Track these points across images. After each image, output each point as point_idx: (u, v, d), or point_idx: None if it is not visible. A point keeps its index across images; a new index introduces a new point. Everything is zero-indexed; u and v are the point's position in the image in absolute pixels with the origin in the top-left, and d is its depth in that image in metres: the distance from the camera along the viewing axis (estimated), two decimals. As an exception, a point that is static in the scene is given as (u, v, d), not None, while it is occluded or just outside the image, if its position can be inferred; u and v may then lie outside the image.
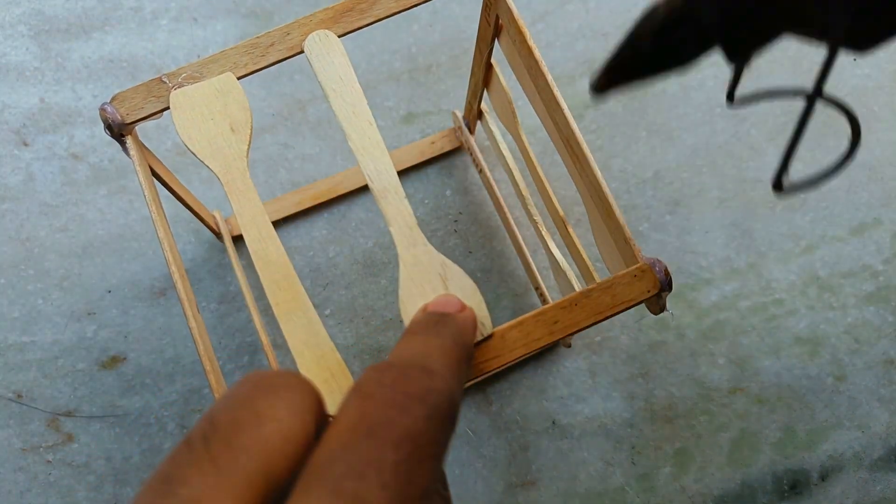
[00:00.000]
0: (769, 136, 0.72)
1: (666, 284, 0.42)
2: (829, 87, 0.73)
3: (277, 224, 0.69)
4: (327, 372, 0.40)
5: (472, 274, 0.68)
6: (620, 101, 0.73)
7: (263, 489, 0.26)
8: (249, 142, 0.44)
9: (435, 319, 0.37)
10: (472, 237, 0.70)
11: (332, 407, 0.40)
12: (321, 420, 0.29)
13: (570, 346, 0.67)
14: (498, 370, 0.57)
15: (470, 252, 0.69)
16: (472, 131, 0.69)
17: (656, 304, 0.43)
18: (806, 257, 0.70)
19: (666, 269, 0.42)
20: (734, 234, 0.70)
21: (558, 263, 0.58)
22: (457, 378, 0.32)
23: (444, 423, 0.29)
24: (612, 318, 0.42)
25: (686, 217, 0.70)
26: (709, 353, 0.67)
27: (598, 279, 0.44)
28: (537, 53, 0.46)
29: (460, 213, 0.70)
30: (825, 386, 0.67)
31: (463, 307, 0.39)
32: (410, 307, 0.41)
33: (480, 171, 0.68)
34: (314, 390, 0.29)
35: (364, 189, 0.70)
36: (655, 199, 0.70)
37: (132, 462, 0.64)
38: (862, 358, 0.68)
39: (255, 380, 0.29)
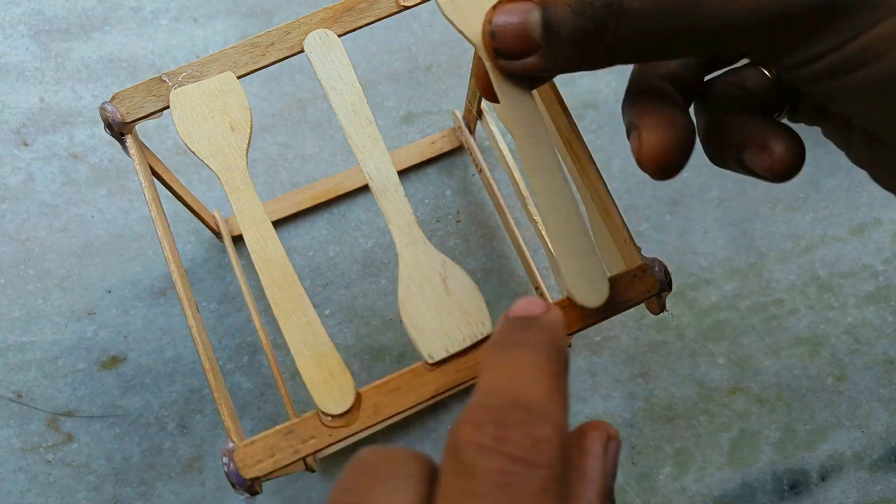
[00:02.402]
0: (769, 136, 0.72)
1: (665, 284, 0.42)
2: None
3: (277, 224, 0.69)
4: (327, 372, 0.40)
5: (472, 274, 0.68)
6: (621, 101, 0.73)
7: None
8: (249, 141, 0.44)
9: (520, 325, 0.32)
10: (472, 237, 0.70)
11: (335, 407, 0.40)
12: None
13: (570, 346, 0.67)
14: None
15: (470, 252, 0.69)
16: (472, 131, 0.69)
17: (656, 304, 0.43)
18: (806, 257, 0.70)
19: (666, 269, 0.42)
20: (734, 234, 0.70)
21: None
22: (562, 403, 0.29)
23: (556, 481, 0.26)
24: (612, 317, 0.42)
25: (686, 217, 0.70)
26: (709, 353, 0.67)
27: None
28: (537, 53, 0.46)
29: (460, 213, 0.70)
30: (825, 386, 0.67)
31: (548, 308, 0.33)
32: (409, 306, 0.41)
33: (480, 172, 0.68)
34: (426, 468, 0.28)
35: (364, 189, 0.70)
36: (655, 199, 0.70)
37: (132, 462, 0.64)
38: (862, 358, 0.68)
39: (372, 469, 0.28)
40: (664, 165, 0.37)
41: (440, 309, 0.41)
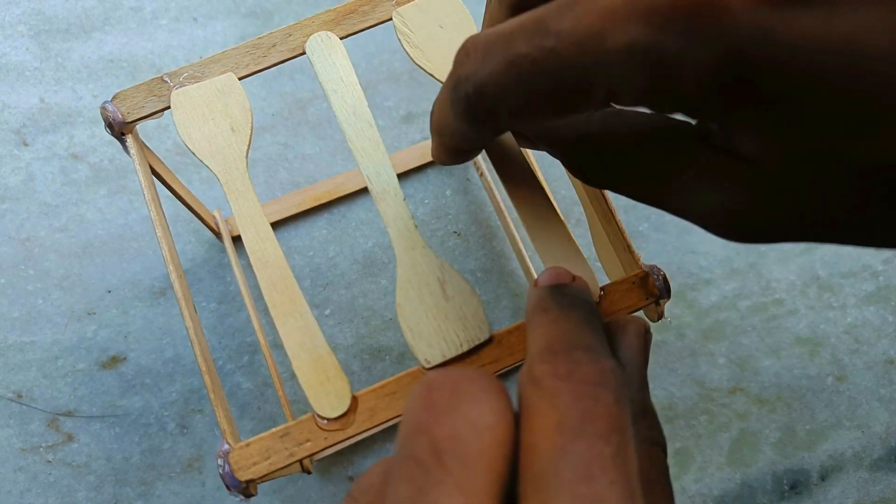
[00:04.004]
0: (769, 136, 0.72)
1: (664, 292, 0.42)
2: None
3: (278, 224, 0.69)
4: (323, 374, 0.40)
5: (472, 274, 0.68)
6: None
7: (499, 500, 0.27)
8: (249, 142, 0.45)
9: (558, 291, 0.35)
10: (472, 237, 0.70)
11: (331, 410, 0.40)
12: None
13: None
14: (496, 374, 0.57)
15: (470, 252, 0.69)
16: (472, 132, 0.69)
17: (654, 311, 0.43)
18: (806, 257, 0.70)
19: (664, 277, 0.42)
20: (734, 235, 0.70)
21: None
22: (607, 347, 0.32)
23: (624, 400, 0.29)
24: (613, 320, 0.42)
25: (686, 217, 0.70)
26: (709, 353, 0.67)
27: (596, 282, 0.44)
28: (537, 54, 0.46)
29: (460, 212, 0.70)
30: (825, 386, 0.67)
31: (574, 277, 0.37)
32: (408, 310, 0.41)
33: (482, 175, 0.68)
34: (503, 387, 0.29)
35: (365, 190, 0.70)
36: (656, 199, 0.70)
37: (132, 462, 0.64)
38: (862, 358, 0.68)
39: (450, 385, 0.29)
40: None
41: (438, 314, 0.41)
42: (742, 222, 0.30)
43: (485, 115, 0.32)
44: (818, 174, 0.27)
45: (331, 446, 0.39)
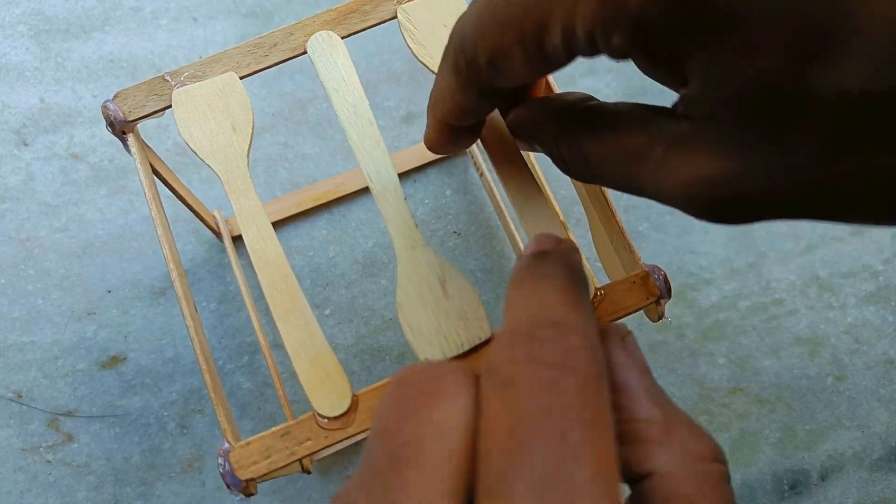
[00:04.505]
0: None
1: (665, 292, 0.42)
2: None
3: (278, 224, 0.69)
4: (323, 373, 0.40)
5: (472, 274, 0.68)
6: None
7: (463, 501, 0.25)
8: (250, 141, 0.45)
9: (535, 260, 0.32)
10: (472, 237, 0.70)
11: (331, 409, 0.40)
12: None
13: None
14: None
15: (470, 252, 0.69)
16: (473, 133, 0.69)
17: (655, 311, 0.43)
18: (806, 257, 0.69)
19: (665, 277, 0.42)
20: (734, 234, 0.70)
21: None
22: (585, 315, 0.29)
23: (596, 381, 0.26)
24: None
25: (686, 217, 0.69)
26: (709, 353, 0.67)
27: (596, 283, 0.44)
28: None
29: (460, 212, 0.70)
30: (825, 386, 0.67)
31: (559, 240, 0.34)
32: (407, 310, 0.41)
33: (482, 175, 0.68)
34: (472, 380, 0.28)
35: (365, 190, 0.70)
36: (656, 199, 0.70)
37: (132, 462, 0.64)
38: (862, 358, 0.68)
39: (416, 383, 0.28)
40: None
41: (438, 312, 0.41)
42: (717, 193, 0.28)
43: (466, 64, 0.33)
44: (780, 125, 0.26)
45: (331, 445, 0.39)
